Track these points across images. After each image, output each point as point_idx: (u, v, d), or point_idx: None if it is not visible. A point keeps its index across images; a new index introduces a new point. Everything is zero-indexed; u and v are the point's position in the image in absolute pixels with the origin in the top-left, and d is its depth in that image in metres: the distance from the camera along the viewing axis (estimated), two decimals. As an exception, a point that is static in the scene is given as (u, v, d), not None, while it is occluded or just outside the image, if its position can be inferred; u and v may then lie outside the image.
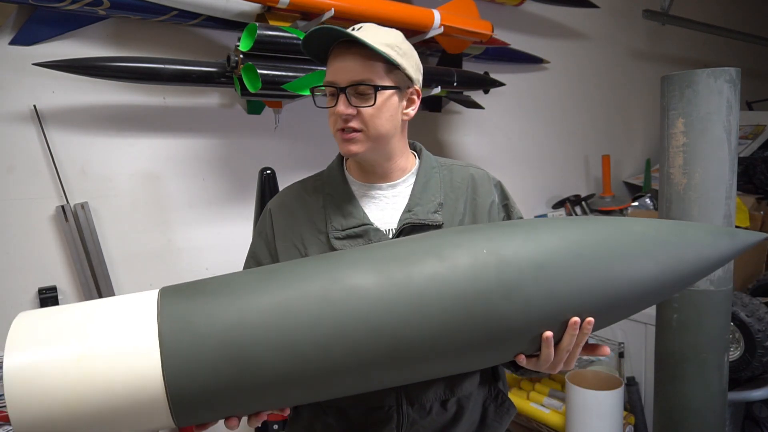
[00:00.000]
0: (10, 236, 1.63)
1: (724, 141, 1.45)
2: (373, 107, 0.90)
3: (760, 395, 2.01)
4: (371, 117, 0.91)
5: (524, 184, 2.98)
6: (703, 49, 4.09)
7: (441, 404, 0.95)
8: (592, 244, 0.77)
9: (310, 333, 0.69)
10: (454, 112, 2.69)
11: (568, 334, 0.77)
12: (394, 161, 0.98)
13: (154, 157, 1.88)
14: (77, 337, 0.64)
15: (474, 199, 1.00)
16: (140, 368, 0.63)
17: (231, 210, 2.05)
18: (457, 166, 1.04)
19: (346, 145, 0.93)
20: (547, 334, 0.76)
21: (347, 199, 0.98)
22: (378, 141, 0.93)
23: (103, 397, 0.63)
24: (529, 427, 2.40)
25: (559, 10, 3.04)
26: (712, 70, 1.43)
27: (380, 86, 0.90)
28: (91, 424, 0.64)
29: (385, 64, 0.91)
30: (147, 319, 0.66)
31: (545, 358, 0.79)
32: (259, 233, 1.04)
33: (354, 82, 0.89)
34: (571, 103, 3.27)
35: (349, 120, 0.91)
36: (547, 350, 0.78)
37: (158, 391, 0.64)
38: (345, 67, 0.90)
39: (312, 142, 2.20)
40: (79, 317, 0.67)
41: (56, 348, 0.63)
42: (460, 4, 2.19)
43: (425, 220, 0.94)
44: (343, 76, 0.90)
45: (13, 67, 1.61)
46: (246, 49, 1.67)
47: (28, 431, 0.62)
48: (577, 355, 0.82)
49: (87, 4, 1.55)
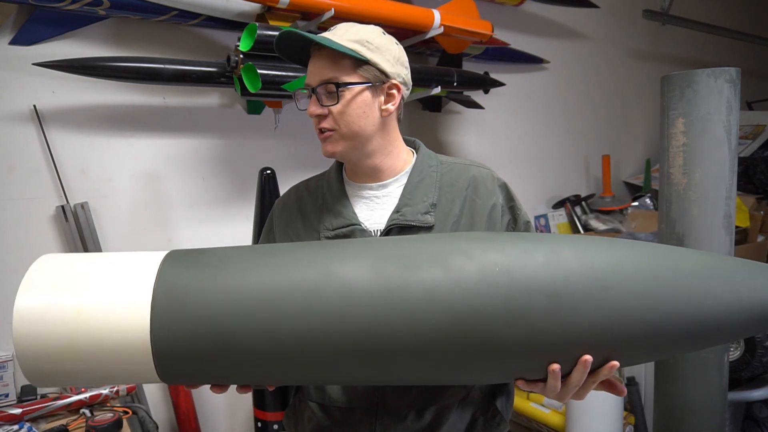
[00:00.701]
0: (10, 236, 1.63)
1: (724, 141, 1.44)
2: (339, 104, 0.90)
3: (760, 395, 2.01)
4: (340, 115, 0.91)
5: (524, 184, 2.98)
6: (703, 49, 4.09)
7: (416, 413, 0.92)
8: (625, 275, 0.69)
9: (293, 322, 0.68)
10: (454, 112, 2.69)
11: (577, 371, 0.70)
12: (378, 159, 0.96)
13: (154, 157, 1.88)
14: (82, 288, 0.69)
15: (473, 200, 0.96)
16: (130, 326, 0.68)
17: (231, 210, 2.05)
18: (459, 165, 1.01)
19: (323, 145, 0.95)
20: (554, 367, 0.70)
21: (339, 199, 0.98)
22: (354, 139, 0.93)
23: (96, 349, 0.68)
24: (529, 427, 2.40)
25: (559, 10, 3.04)
26: (712, 70, 1.43)
27: (342, 83, 0.90)
28: (86, 371, 0.70)
29: (353, 60, 0.90)
30: (146, 280, 0.70)
31: (551, 389, 0.73)
32: (266, 231, 1.07)
33: (322, 81, 0.91)
34: (571, 103, 3.27)
35: (321, 121, 0.93)
36: (553, 382, 0.72)
37: (145, 350, 0.68)
38: (315, 67, 0.92)
39: (312, 142, 2.19)
40: (90, 268, 0.71)
41: (61, 296, 0.68)
42: (460, 4, 2.19)
43: (413, 221, 0.92)
44: (314, 76, 0.92)
45: (13, 67, 1.61)
46: (246, 49, 1.67)
47: (30, 370, 0.68)
48: (590, 390, 0.76)
49: (87, 4, 1.55)
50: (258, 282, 0.70)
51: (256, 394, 1.83)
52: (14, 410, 1.43)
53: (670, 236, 1.54)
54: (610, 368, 0.71)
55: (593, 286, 0.68)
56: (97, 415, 1.45)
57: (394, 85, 0.94)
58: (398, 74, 0.94)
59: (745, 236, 2.62)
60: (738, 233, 2.49)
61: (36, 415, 1.46)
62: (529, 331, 0.67)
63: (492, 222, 0.96)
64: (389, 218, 0.94)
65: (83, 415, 1.49)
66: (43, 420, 1.48)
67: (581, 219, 3.07)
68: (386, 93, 0.94)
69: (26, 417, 1.45)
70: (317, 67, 0.92)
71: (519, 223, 0.99)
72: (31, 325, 0.67)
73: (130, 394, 1.66)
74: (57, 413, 1.50)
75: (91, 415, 1.47)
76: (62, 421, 1.47)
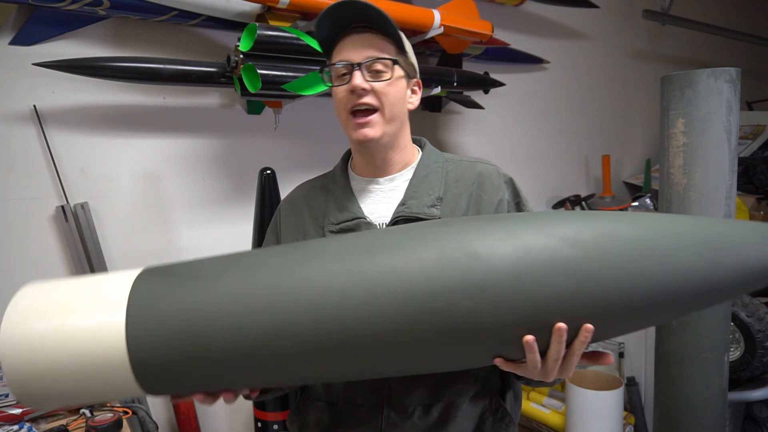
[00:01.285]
0: (10, 236, 1.63)
1: (724, 141, 1.44)
2: (389, 81, 0.90)
3: (760, 395, 2.01)
4: (388, 93, 0.90)
5: (524, 184, 2.94)
6: (703, 49, 4.09)
7: (423, 409, 0.92)
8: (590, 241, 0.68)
9: (259, 321, 0.70)
10: (454, 112, 2.69)
11: (554, 341, 0.68)
12: (397, 152, 0.98)
13: (154, 157, 1.88)
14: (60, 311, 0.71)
15: (479, 195, 0.96)
16: (107, 340, 0.70)
17: (231, 210, 2.05)
18: (465, 162, 1.01)
19: (362, 130, 0.90)
20: (528, 338, 0.68)
21: (345, 194, 0.98)
22: (392, 123, 0.93)
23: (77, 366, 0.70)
24: (529, 427, 2.40)
25: (559, 10, 3.04)
26: (712, 70, 1.43)
27: (394, 59, 0.91)
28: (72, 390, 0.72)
29: (396, 48, 0.92)
30: (120, 296, 0.72)
31: (532, 364, 0.71)
32: (271, 229, 1.07)
33: (370, 58, 0.89)
34: (571, 103, 3.27)
35: (363, 95, 0.89)
36: (531, 356, 0.70)
37: (124, 363, 0.70)
38: (360, 44, 0.90)
39: (312, 142, 2.20)
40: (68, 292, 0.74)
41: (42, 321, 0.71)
42: (460, 4, 2.19)
43: (420, 213, 0.92)
44: (358, 52, 0.90)
45: (13, 67, 1.61)
46: (246, 49, 1.67)
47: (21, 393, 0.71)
48: (574, 364, 0.72)
49: (87, 4, 1.55)
50: (226, 288, 0.72)
51: (256, 394, 1.83)
52: (14, 410, 1.43)
53: (670, 236, 1.54)
54: (586, 331, 0.68)
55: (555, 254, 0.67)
56: (97, 415, 1.45)
57: (418, 83, 0.99)
58: (418, 73, 0.99)
59: (745, 236, 2.62)
60: (738, 233, 2.49)
61: (36, 415, 1.46)
62: (492, 302, 0.66)
63: None
64: (395, 211, 0.94)
65: (83, 415, 1.49)
66: (43, 420, 1.48)
67: (581, 219, 3.07)
68: (411, 88, 0.98)
69: (26, 417, 1.44)
70: (362, 44, 0.90)
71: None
72: (16, 352, 0.69)
73: (130, 394, 1.66)
74: (57, 413, 1.50)
75: (91, 415, 1.47)
76: (62, 421, 1.47)
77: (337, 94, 0.93)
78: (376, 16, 0.88)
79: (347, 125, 0.93)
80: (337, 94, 0.93)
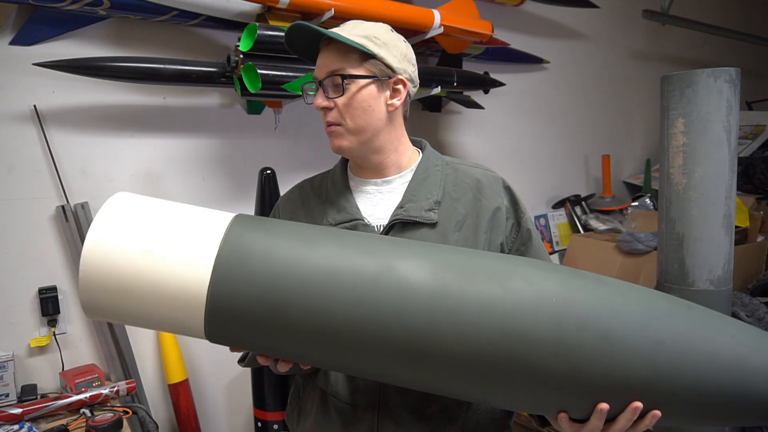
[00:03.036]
0: (10, 236, 1.63)
1: (724, 141, 1.45)
2: (344, 97, 0.91)
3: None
4: (345, 108, 0.92)
5: (524, 184, 2.98)
6: (703, 49, 4.09)
7: (419, 412, 0.91)
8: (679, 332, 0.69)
9: (347, 309, 0.69)
10: (454, 112, 2.69)
11: (624, 417, 0.70)
12: (385, 155, 0.97)
13: (154, 157, 1.88)
14: (152, 233, 0.72)
15: (479, 200, 0.96)
16: (191, 279, 0.71)
17: (231, 210, 2.01)
18: (464, 166, 1.01)
19: (332, 140, 0.95)
20: (602, 406, 0.69)
21: (343, 194, 0.98)
22: (360, 134, 0.93)
23: (155, 292, 0.71)
24: (530, 427, 2.40)
25: (559, 10, 3.04)
26: (712, 70, 1.43)
27: (348, 75, 0.90)
28: (140, 312, 0.73)
29: (360, 54, 0.91)
30: (213, 238, 0.73)
31: (591, 429, 0.72)
32: None
33: (328, 74, 0.91)
34: (571, 103, 3.27)
35: (326, 114, 0.93)
36: (596, 422, 0.71)
37: (199, 305, 0.71)
38: (323, 60, 0.93)
39: (312, 142, 2.20)
40: (163, 215, 0.75)
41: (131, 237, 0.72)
42: (460, 4, 2.19)
43: (417, 217, 0.92)
44: (321, 69, 0.93)
45: (13, 67, 1.61)
46: (246, 49, 1.67)
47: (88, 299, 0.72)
48: None
49: (87, 4, 1.55)
50: (320, 260, 0.71)
51: (257, 395, 1.83)
52: (14, 410, 1.43)
53: (670, 236, 1.54)
54: (652, 417, 0.70)
55: (646, 337, 0.68)
56: (97, 415, 1.45)
57: (400, 81, 0.95)
58: (404, 70, 0.95)
59: (744, 236, 2.62)
60: (738, 233, 2.49)
61: (36, 415, 1.46)
62: (575, 366, 0.67)
63: (496, 224, 0.96)
64: (392, 213, 0.94)
65: (83, 415, 1.49)
66: (43, 420, 1.48)
67: (581, 219, 3.07)
68: (392, 88, 0.95)
69: (26, 417, 1.45)
70: (325, 60, 0.92)
71: (522, 228, 0.99)
72: (98, 258, 0.70)
73: (130, 394, 1.66)
74: (57, 413, 1.50)
75: (91, 415, 1.47)
76: (62, 421, 1.47)
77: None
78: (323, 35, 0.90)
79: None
80: None
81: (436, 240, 0.92)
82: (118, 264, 0.70)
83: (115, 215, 0.73)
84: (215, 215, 0.77)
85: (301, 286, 0.70)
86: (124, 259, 0.70)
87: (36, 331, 1.67)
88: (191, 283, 0.70)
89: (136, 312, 0.73)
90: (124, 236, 0.71)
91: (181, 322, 0.73)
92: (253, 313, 0.70)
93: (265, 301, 0.70)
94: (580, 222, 3.06)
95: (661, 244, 1.60)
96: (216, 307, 0.70)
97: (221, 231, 0.73)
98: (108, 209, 0.74)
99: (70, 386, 1.56)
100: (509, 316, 0.68)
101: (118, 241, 0.71)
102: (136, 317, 0.75)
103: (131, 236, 0.71)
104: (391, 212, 0.95)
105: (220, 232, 0.73)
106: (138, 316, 0.74)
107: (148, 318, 0.74)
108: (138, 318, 0.75)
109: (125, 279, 0.70)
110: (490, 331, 0.68)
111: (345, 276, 0.70)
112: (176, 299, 0.71)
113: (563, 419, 0.74)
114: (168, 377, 1.86)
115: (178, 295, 0.70)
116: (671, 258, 1.55)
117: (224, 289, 0.70)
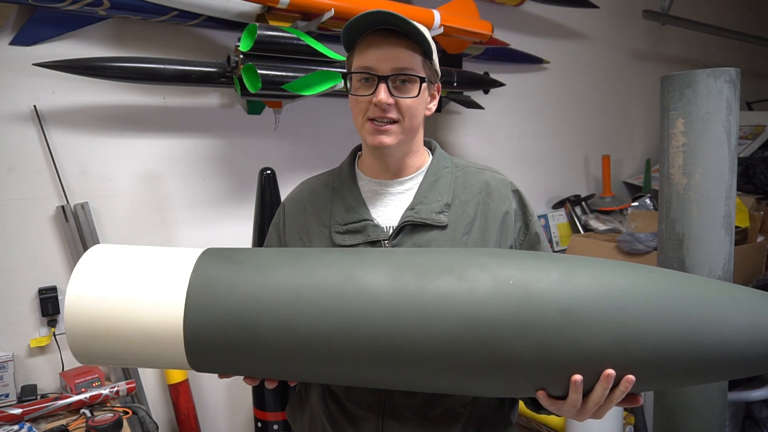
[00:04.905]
0: (10, 236, 1.63)
1: (724, 141, 1.44)
2: (415, 99, 0.89)
3: (760, 395, 2.01)
4: (410, 108, 0.89)
5: (524, 184, 2.94)
6: (703, 49, 4.09)
7: (424, 413, 0.91)
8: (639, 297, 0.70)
9: (315, 321, 0.72)
10: (454, 112, 2.69)
11: (600, 385, 0.71)
12: (411, 156, 0.97)
13: (154, 157, 1.88)
14: (127, 279, 0.77)
15: (487, 203, 0.96)
16: (167, 316, 0.74)
17: (231, 210, 2.05)
18: (473, 169, 1.00)
19: (379, 136, 0.89)
20: (576, 378, 0.70)
21: (352, 195, 0.97)
22: (410, 133, 0.92)
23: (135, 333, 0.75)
24: (529, 427, 2.40)
25: (559, 10, 3.04)
26: (712, 70, 1.43)
27: (420, 77, 0.89)
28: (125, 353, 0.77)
29: (423, 56, 0.90)
30: (182, 274, 0.76)
31: (572, 403, 0.73)
32: (274, 225, 1.07)
33: (398, 71, 0.87)
34: (571, 103, 3.27)
35: (388, 110, 0.88)
36: (575, 395, 0.72)
37: (178, 338, 0.74)
38: (388, 54, 0.87)
39: (312, 142, 2.20)
40: (136, 261, 0.79)
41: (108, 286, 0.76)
42: (460, 4, 2.19)
43: (427, 219, 0.92)
44: (386, 63, 0.87)
45: (13, 67, 1.61)
46: (246, 50, 1.67)
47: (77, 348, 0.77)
48: (609, 410, 0.75)
49: (87, 4, 1.55)
50: (284, 280, 0.75)
51: (257, 394, 1.83)
52: (14, 410, 1.43)
53: (670, 236, 1.54)
54: (627, 382, 0.71)
55: (607, 305, 0.69)
56: (97, 415, 1.45)
57: (438, 87, 0.97)
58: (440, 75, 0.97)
59: (744, 236, 2.62)
60: (738, 233, 2.49)
61: (36, 415, 1.46)
62: (541, 343, 0.69)
63: (505, 227, 0.95)
64: (403, 215, 0.93)
65: (83, 415, 1.49)
66: (43, 420, 1.48)
67: (581, 219, 3.07)
68: (431, 93, 0.96)
69: (26, 417, 1.45)
70: (391, 54, 0.87)
71: (530, 231, 0.99)
72: (80, 309, 0.75)
73: (130, 394, 1.66)
74: (57, 413, 1.50)
75: (91, 415, 1.47)
76: (62, 421, 1.47)
77: (357, 100, 0.91)
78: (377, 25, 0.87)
79: (363, 129, 0.92)
80: (357, 99, 0.91)
81: (446, 243, 0.91)
82: (99, 312, 0.74)
83: (91, 267, 0.77)
84: (184, 253, 0.81)
85: (268, 306, 0.73)
86: (104, 308, 0.74)
87: (36, 332, 1.67)
88: (168, 320, 0.74)
89: (123, 354, 0.77)
90: (102, 286, 0.76)
91: (166, 357, 0.77)
92: (228, 338, 0.74)
93: (237, 325, 0.73)
94: (580, 222, 3.06)
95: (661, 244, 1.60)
96: (193, 338, 0.74)
97: (189, 267, 0.77)
98: (85, 262, 0.78)
99: (70, 386, 1.56)
100: (467, 304, 0.70)
101: (96, 291, 0.75)
102: (125, 358, 0.80)
103: (108, 285, 0.76)
104: (400, 214, 0.94)
105: (188, 268, 0.77)
106: (126, 357, 0.79)
107: (136, 358, 0.78)
108: (126, 359, 0.80)
109: (107, 325, 0.74)
110: (453, 322, 0.70)
111: (308, 290, 0.73)
112: (156, 337, 0.74)
113: (542, 397, 0.75)
114: (168, 377, 1.86)
115: (157, 332, 0.74)
116: (671, 258, 1.55)
117: (198, 319, 0.73)
